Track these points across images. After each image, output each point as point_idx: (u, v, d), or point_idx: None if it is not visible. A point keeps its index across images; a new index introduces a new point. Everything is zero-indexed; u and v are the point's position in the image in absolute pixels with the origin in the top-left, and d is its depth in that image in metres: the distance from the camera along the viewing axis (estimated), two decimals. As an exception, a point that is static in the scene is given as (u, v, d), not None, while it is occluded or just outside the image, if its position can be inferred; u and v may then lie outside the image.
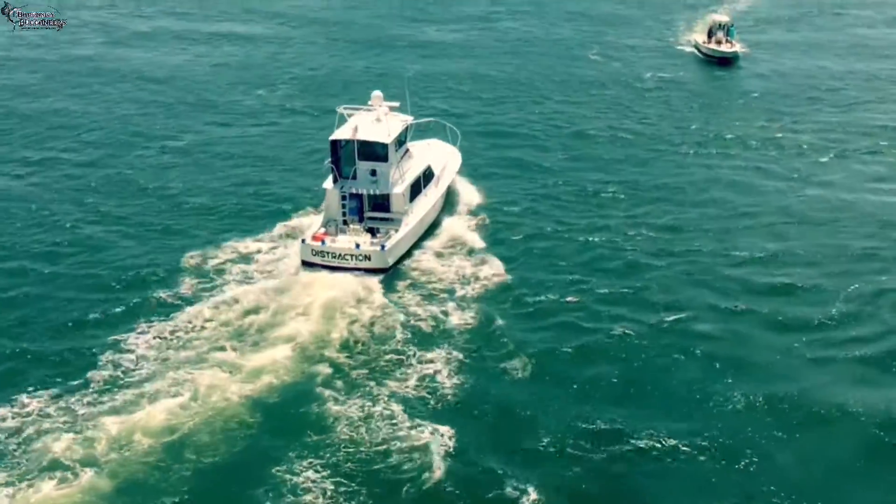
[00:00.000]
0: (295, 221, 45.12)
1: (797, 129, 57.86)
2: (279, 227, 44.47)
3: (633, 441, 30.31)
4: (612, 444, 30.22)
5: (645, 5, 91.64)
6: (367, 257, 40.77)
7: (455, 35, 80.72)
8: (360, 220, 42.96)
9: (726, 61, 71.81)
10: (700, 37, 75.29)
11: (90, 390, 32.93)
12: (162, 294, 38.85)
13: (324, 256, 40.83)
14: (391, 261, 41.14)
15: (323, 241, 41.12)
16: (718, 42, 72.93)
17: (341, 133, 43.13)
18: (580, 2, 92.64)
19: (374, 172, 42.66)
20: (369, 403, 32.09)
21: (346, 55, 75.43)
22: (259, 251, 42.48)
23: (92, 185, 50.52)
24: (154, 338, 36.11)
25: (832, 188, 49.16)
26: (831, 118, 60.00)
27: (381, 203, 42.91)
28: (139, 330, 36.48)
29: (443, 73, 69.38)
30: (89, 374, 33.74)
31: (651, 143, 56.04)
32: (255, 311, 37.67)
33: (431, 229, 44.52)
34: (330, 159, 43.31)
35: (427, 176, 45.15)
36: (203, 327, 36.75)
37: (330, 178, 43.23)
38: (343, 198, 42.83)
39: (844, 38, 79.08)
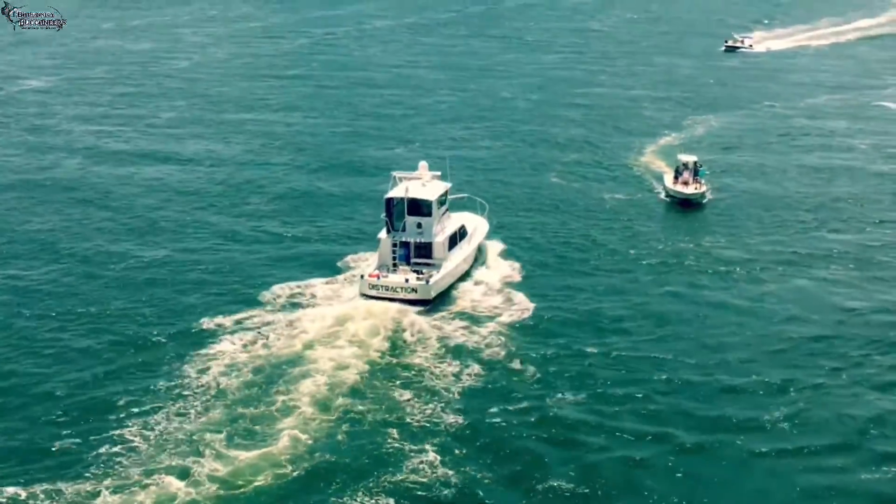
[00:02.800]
0: None
1: (758, 260, 58.34)
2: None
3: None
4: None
5: (602, 127, 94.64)
6: (415, 290, 49.74)
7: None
8: (408, 263, 52.15)
9: (692, 204, 68.63)
10: (667, 177, 71.97)
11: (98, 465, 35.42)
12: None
13: (379, 290, 49.55)
14: (434, 294, 50.13)
15: (378, 277, 50.07)
16: (685, 183, 69.38)
17: (394, 193, 53.51)
18: (535, 122, 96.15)
19: (419, 225, 52.71)
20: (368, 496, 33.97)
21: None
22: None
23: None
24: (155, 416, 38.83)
25: (791, 320, 50.09)
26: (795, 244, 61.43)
27: (425, 250, 52.45)
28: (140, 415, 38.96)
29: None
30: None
31: (609, 265, 57.26)
32: (246, 401, 39.77)
33: (461, 281, 53.24)
34: (384, 214, 52.96)
35: (461, 233, 55.22)
36: (196, 412, 39.02)
37: (384, 230, 53.02)
38: (394, 245, 52.33)
39: (799, 163, 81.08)
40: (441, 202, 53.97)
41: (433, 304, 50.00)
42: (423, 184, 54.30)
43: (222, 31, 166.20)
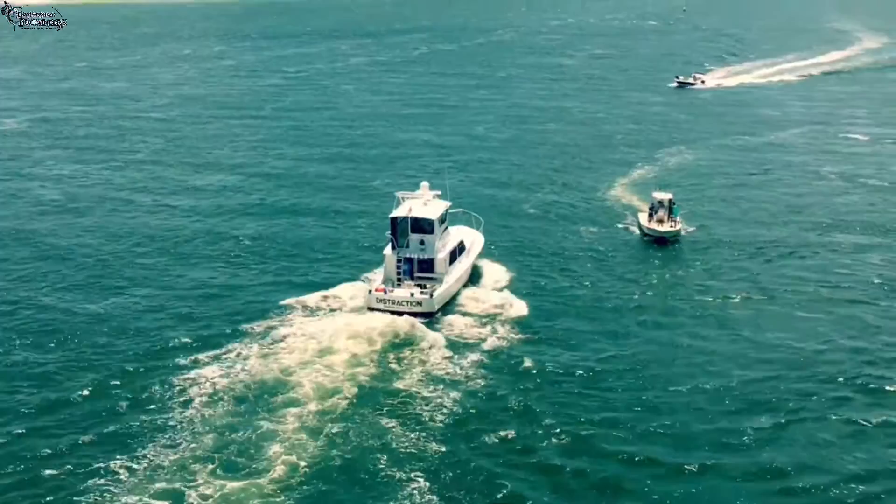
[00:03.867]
0: None
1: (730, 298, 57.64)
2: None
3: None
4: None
5: (576, 161, 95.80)
6: (419, 303, 52.29)
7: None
8: (412, 278, 54.89)
9: (667, 241, 67.60)
10: (641, 215, 70.98)
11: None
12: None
13: (386, 303, 52.19)
14: (437, 306, 52.82)
15: (385, 291, 52.85)
16: (660, 221, 68.66)
17: (398, 212, 56.42)
18: (510, 156, 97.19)
19: (422, 242, 55.76)
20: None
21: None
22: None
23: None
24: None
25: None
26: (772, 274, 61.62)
27: (428, 266, 55.29)
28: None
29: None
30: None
31: (589, 300, 57.03)
32: (233, 430, 40.05)
33: (460, 293, 55.94)
34: (389, 232, 55.81)
35: (460, 248, 58.25)
36: (186, 441, 39.24)
37: (388, 247, 55.77)
38: (398, 261, 55.01)
39: (771, 195, 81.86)
40: (442, 220, 57.05)
41: (436, 315, 52.43)
42: (424, 203, 57.51)
43: (196, 69, 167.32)
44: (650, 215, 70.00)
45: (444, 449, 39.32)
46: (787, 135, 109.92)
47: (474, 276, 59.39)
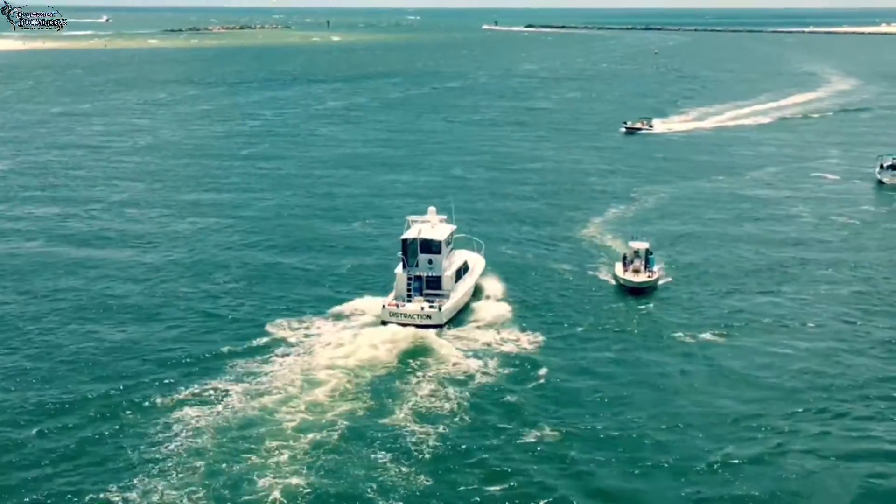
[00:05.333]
0: None
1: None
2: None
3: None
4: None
5: (553, 202, 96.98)
6: (429, 317, 57.23)
7: (374, 230, 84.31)
8: (421, 294, 59.46)
9: (642, 291, 66.15)
10: (618, 265, 69.26)
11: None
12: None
13: (398, 317, 57.18)
14: (445, 319, 57.77)
15: (397, 306, 57.88)
16: (636, 271, 67.22)
17: (408, 234, 61.47)
18: (487, 197, 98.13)
19: (430, 261, 60.36)
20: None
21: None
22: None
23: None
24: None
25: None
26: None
27: (435, 283, 60.00)
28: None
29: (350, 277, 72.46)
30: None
31: (570, 342, 57.20)
32: (221, 462, 40.35)
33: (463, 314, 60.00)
34: (400, 252, 60.62)
35: (465, 268, 63.36)
36: (177, 473, 39.75)
37: (400, 266, 60.60)
38: (409, 279, 59.52)
39: (746, 236, 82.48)
40: (448, 242, 62.03)
41: (444, 327, 57.07)
42: (432, 226, 62.47)
43: (171, 114, 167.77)
44: (625, 265, 68.41)
45: (429, 482, 39.76)
46: (761, 174, 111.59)
47: (460, 317, 60.11)
